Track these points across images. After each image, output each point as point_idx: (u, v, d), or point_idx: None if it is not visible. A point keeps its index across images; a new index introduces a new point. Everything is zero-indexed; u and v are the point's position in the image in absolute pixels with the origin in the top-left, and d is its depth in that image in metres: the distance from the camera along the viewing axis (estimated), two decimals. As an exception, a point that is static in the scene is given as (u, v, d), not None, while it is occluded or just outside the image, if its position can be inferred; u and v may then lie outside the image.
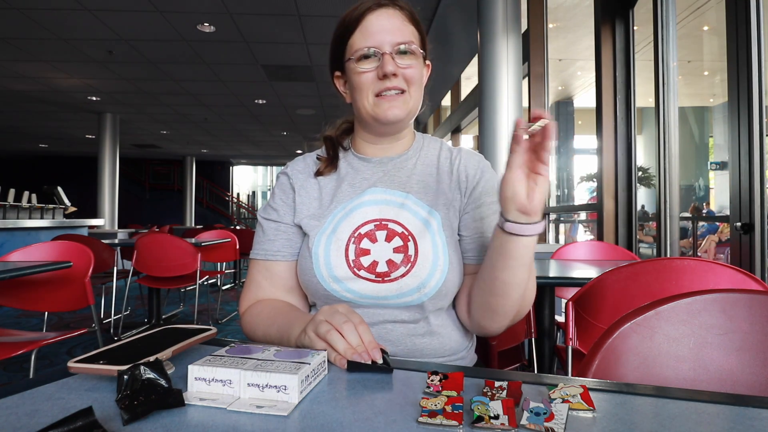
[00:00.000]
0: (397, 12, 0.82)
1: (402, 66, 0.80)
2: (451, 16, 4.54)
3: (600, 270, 1.45)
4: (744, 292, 0.68)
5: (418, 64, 0.83)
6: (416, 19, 0.85)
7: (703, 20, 5.53)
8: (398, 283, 0.79)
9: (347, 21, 0.82)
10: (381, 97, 0.81)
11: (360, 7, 0.81)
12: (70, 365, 0.53)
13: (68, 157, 15.55)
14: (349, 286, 0.80)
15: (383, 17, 0.80)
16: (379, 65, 0.79)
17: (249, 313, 0.85)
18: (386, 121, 0.82)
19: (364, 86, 0.81)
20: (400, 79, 0.80)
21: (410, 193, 0.86)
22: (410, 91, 0.82)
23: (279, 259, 0.86)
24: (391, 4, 0.81)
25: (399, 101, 0.81)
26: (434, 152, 0.92)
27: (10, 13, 4.59)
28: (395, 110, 0.81)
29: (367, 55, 0.79)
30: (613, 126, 3.17)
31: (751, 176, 1.98)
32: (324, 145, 0.94)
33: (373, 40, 0.79)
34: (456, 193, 0.87)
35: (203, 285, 5.12)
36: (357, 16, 0.81)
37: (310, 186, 0.90)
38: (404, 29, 0.81)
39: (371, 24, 0.80)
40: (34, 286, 1.94)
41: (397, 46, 0.79)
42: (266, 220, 0.89)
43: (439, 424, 0.44)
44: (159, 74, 6.53)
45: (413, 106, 0.84)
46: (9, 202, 4.62)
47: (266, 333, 0.78)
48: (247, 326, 0.84)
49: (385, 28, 0.79)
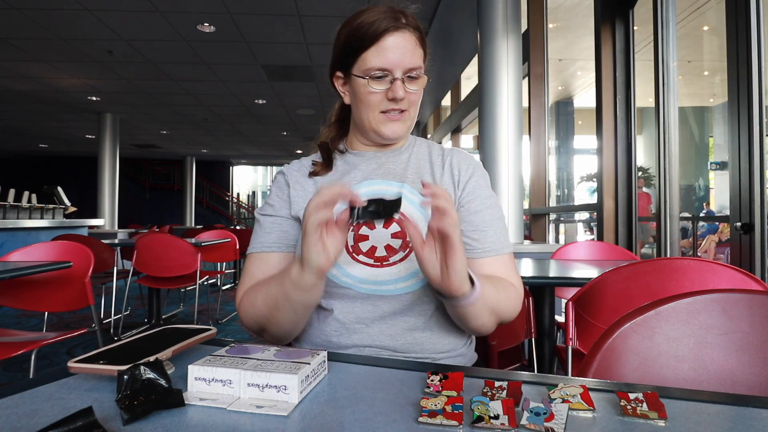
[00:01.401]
0: (412, 36, 0.84)
1: (409, 91, 0.85)
2: (451, 16, 4.54)
3: (600, 270, 1.45)
4: (744, 292, 0.68)
5: (421, 87, 0.87)
6: (424, 39, 0.88)
7: (703, 20, 5.52)
8: (396, 267, 0.81)
9: (363, 33, 0.82)
10: (386, 115, 0.86)
11: (378, 23, 0.82)
12: (70, 365, 0.53)
13: (68, 157, 15.55)
14: (347, 270, 0.81)
15: (400, 40, 0.82)
16: (389, 88, 0.83)
17: (244, 298, 0.85)
18: (387, 138, 0.88)
19: (372, 104, 0.85)
20: (405, 102, 0.85)
21: (405, 182, 0.88)
22: (410, 111, 0.87)
23: (275, 250, 0.88)
24: (407, 27, 0.84)
25: (401, 120, 0.87)
26: (425, 150, 0.95)
27: (10, 13, 4.59)
28: (397, 128, 0.87)
29: (377, 76, 0.83)
30: (613, 126, 3.17)
31: (751, 176, 1.98)
32: (319, 152, 0.96)
33: (388, 63, 0.82)
34: (450, 185, 0.89)
35: (203, 285, 5.13)
36: (375, 34, 0.81)
37: (306, 182, 0.92)
38: (415, 53, 0.84)
39: (388, 46, 0.82)
40: (34, 286, 1.94)
41: (408, 72, 0.83)
42: (263, 216, 0.91)
43: (439, 424, 0.44)
44: (159, 74, 6.53)
45: (411, 124, 0.90)
46: (9, 202, 4.61)
47: (266, 296, 0.78)
48: (246, 309, 0.83)
49: (399, 52, 0.82)
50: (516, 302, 0.83)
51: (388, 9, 0.83)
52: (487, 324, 0.79)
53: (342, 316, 0.82)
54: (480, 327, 0.79)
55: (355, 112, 0.90)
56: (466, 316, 0.75)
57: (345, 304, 0.82)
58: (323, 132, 0.99)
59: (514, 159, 3.12)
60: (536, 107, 4.32)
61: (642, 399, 0.48)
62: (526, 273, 1.49)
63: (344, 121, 0.98)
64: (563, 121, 8.25)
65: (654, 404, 0.47)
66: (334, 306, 0.83)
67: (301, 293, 0.72)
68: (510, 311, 0.83)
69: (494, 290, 0.78)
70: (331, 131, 0.98)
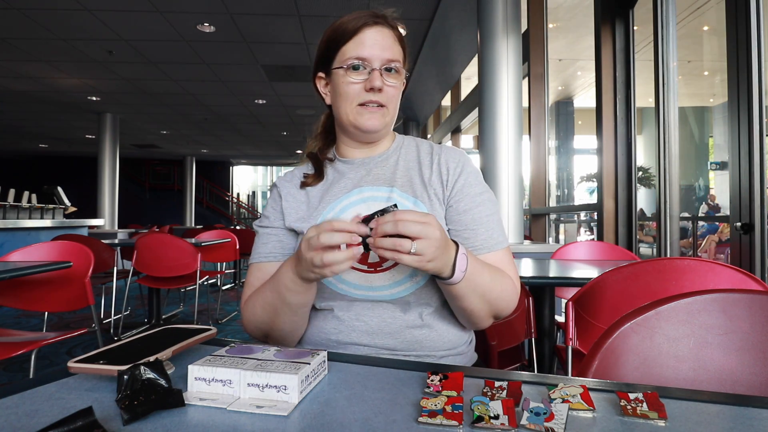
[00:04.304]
0: (390, 32, 0.87)
1: (387, 83, 0.86)
2: (451, 16, 4.54)
3: (600, 270, 1.45)
4: (744, 292, 0.68)
5: (399, 83, 0.89)
6: (402, 40, 0.90)
7: (703, 20, 5.53)
8: (390, 272, 0.82)
9: (342, 30, 0.86)
10: (363, 107, 0.87)
11: (357, 20, 0.85)
12: (70, 365, 0.53)
13: (68, 157, 15.55)
14: (342, 276, 0.83)
15: (378, 34, 0.85)
16: (367, 79, 0.85)
17: (246, 308, 0.87)
18: (365, 130, 0.88)
19: (350, 95, 0.86)
20: (383, 94, 0.86)
21: (394, 186, 0.89)
22: (389, 107, 0.88)
23: (271, 260, 0.90)
24: (385, 22, 0.87)
25: (378, 114, 0.87)
26: (413, 150, 0.96)
27: (10, 13, 4.59)
28: (374, 121, 0.87)
29: (356, 66, 0.85)
30: (613, 126, 3.17)
31: (751, 176, 1.98)
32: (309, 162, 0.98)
33: (366, 53, 0.84)
34: (438, 185, 0.90)
35: (203, 285, 5.12)
36: (354, 29, 0.85)
37: (297, 193, 0.94)
38: (394, 48, 0.87)
39: (366, 38, 0.85)
40: (34, 286, 1.94)
41: (386, 63, 0.85)
42: (260, 227, 0.95)
43: (439, 424, 0.44)
44: (159, 74, 6.53)
45: (390, 120, 0.91)
46: (9, 202, 4.61)
47: (264, 304, 0.81)
48: (248, 318, 0.86)
49: (378, 44, 0.85)
50: (511, 294, 0.84)
51: (369, 11, 0.87)
52: (478, 309, 0.80)
53: (341, 314, 0.83)
54: (471, 313, 0.80)
55: (335, 110, 0.91)
56: (452, 296, 0.78)
57: (344, 303, 0.83)
58: (309, 143, 1.01)
59: (514, 159, 3.12)
60: (536, 107, 4.32)
61: (642, 399, 0.48)
62: (526, 273, 1.49)
63: (330, 131, 1.00)
64: (563, 121, 8.26)
65: (654, 404, 0.47)
66: (334, 305, 0.84)
67: (296, 295, 0.75)
68: (505, 302, 0.83)
69: (488, 277, 0.78)
70: (318, 141, 1.00)
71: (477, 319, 0.82)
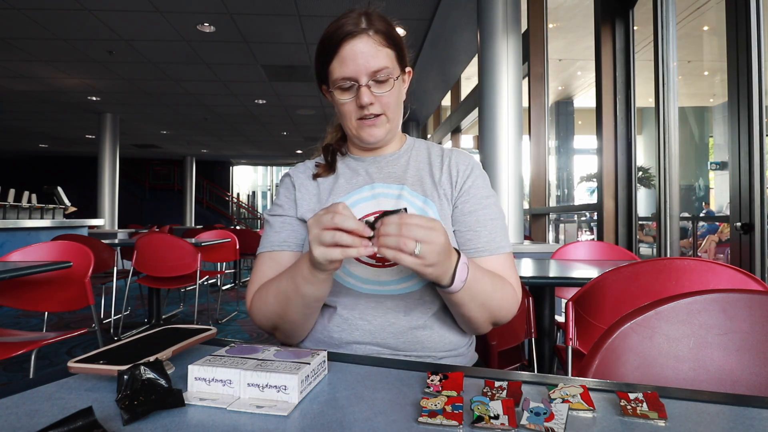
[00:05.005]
0: (371, 39, 0.83)
1: (378, 95, 0.85)
2: (451, 16, 4.54)
3: (600, 270, 1.45)
4: (744, 292, 0.68)
5: (394, 87, 0.86)
6: (392, 37, 0.86)
7: (703, 20, 5.53)
8: (398, 267, 0.82)
9: (326, 46, 0.84)
10: (362, 121, 0.87)
11: (336, 34, 0.82)
12: (70, 365, 0.53)
13: (68, 157, 15.55)
14: (350, 269, 0.83)
15: (358, 46, 0.82)
16: (356, 95, 0.84)
17: (255, 297, 0.85)
18: (368, 143, 0.90)
19: (347, 114, 0.87)
20: (376, 105, 0.85)
21: (405, 185, 0.89)
22: (387, 114, 0.87)
23: (285, 248, 0.89)
24: (362, 32, 0.82)
25: (377, 124, 0.87)
26: (425, 152, 0.96)
27: (10, 13, 4.59)
28: (376, 132, 0.88)
29: (344, 87, 0.84)
30: (613, 126, 3.17)
31: (751, 176, 1.98)
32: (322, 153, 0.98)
33: (350, 71, 0.83)
34: (448, 186, 0.90)
35: (203, 285, 5.12)
36: (334, 45, 0.83)
37: (310, 185, 0.94)
38: (378, 55, 0.83)
39: (347, 54, 0.82)
40: (34, 286, 1.94)
41: (373, 75, 0.83)
42: (273, 216, 0.93)
43: (439, 424, 0.44)
44: (159, 74, 6.53)
45: (393, 125, 0.90)
46: (9, 202, 4.61)
47: (278, 292, 0.79)
48: (258, 307, 0.84)
49: (359, 59, 0.82)
50: (512, 302, 0.84)
51: (354, 14, 0.84)
52: (477, 317, 0.80)
53: (346, 312, 0.83)
54: (470, 319, 0.80)
55: (340, 121, 0.93)
56: (451, 303, 0.78)
57: (349, 300, 0.83)
58: (329, 133, 1.01)
59: (514, 159, 3.12)
60: (536, 107, 4.32)
61: (642, 399, 0.48)
62: (526, 273, 1.49)
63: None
64: (563, 121, 8.26)
65: (654, 404, 0.47)
66: (338, 302, 0.84)
67: (312, 286, 0.74)
68: (505, 310, 0.83)
69: (489, 285, 0.78)
70: (337, 132, 1.00)
71: (476, 325, 0.83)
